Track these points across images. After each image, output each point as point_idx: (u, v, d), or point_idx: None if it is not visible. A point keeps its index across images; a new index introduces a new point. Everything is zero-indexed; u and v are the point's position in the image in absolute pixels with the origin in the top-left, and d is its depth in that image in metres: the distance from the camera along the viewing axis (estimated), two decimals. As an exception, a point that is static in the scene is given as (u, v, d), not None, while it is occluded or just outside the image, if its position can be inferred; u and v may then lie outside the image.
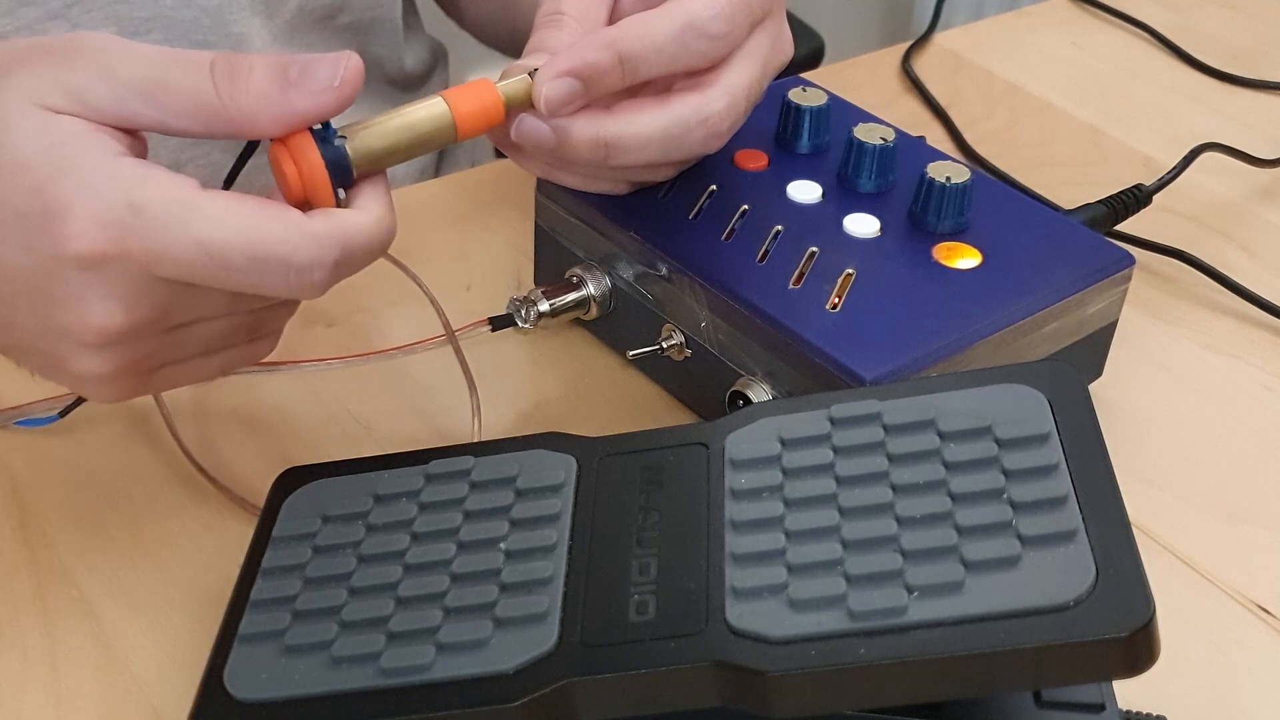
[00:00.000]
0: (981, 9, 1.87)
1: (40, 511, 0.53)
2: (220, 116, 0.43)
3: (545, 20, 0.52)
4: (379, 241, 0.45)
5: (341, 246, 0.43)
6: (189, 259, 0.42)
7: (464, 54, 0.99)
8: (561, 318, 0.59)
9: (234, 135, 0.44)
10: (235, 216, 0.42)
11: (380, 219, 0.45)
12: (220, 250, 0.41)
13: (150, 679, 0.47)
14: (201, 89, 0.43)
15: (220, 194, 0.42)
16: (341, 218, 0.44)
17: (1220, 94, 0.84)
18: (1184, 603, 0.52)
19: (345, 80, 0.44)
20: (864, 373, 0.49)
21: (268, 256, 0.42)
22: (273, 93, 0.43)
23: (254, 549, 0.46)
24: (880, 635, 0.38)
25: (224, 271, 0.42)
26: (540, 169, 0.54)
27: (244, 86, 0.43)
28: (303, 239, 0.42)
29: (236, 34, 0.68)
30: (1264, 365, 0.63)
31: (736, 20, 0.51)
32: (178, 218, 0.41)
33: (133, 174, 0.42)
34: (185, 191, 0.42)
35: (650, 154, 0.51)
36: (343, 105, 0.44)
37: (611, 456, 0.47)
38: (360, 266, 0.45)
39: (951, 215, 0.56)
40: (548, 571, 0.42)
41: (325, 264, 0.43)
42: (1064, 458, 0.42)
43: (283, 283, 0.43)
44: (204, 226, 0.41)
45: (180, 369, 0.46)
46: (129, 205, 0.41)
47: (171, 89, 0.43)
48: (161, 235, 0.41)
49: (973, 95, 0.83)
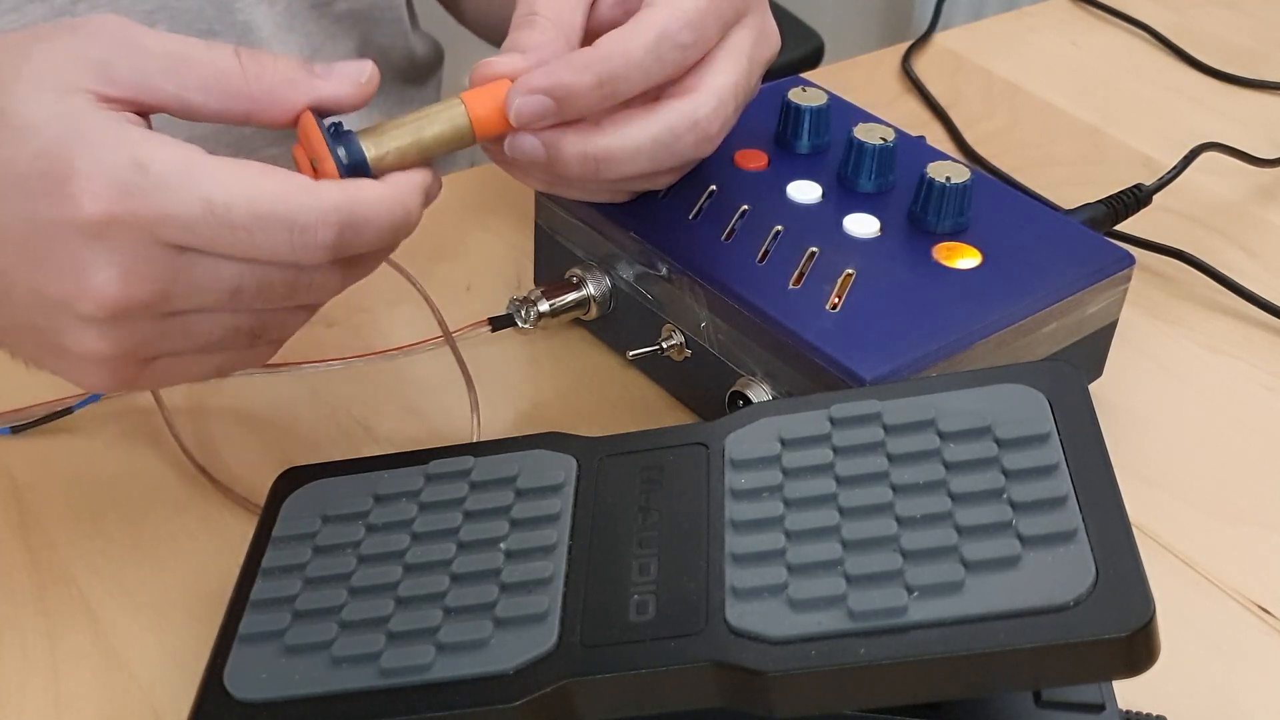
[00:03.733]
0: (981, 9, 1.87)
1: (40, 511, 0.53)
2: (242, 94, 0.44)
3: (520, 21, 0.52)
4: (390, 217, 0.44)
5: (348, 210, 0.43)
6: (192, 216, 0.41)
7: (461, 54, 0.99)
8: (561, 318, 0.59)
9: (251, 116, 0.44)
10: (240, 175, 0.42)
11: (396, 196, 0.45)
12: (224, 206, 0.41)
13: (150, 679, 0.47)
14: (225, 64, 0.44)
15: (226, 159, 0.42)
16: (354, 185, 0.44)
17: (1220, 94, 0.84)
18: (1184, 603, 0.52)
19: (370, 79, 0.45)
20: (864, 373, 0.49)
21: (270, 213, 0.42)
22: (299, 76, 0.44)
23: (254, 549, 0.46)
24: (880, 635, 0.38)
25: (228, 230, 0.42)
26: (539, 183, 0.54)
27: (270, 67, 0.44)
28: (308, 198, 0.42)
29: (242, 21, 0.69)
30: (1264, 365, 0.63)
31: (705, 25, 0.51)
32: (183, 176, 0.41)
33: (139, 136, 0.42)
34: (190, 153, 0.42)
35: (641, 164, 0.51)
36: (363, 100, 0.45)
37: (611, 456, 0.47)
38: (372, 242, 0.44)
39: (951, 215, 0.56)
40: (548, 571, 0.42)
41: (329, 224, 0.43)
42: (1064, 458, 0.42)
43: (285, 241, 0.42)
44: (209, 184, 0.41)
45: (177, 363, 0.46)
46: (135, 164, 0.41)
47: (194, 62, 0.43)
48: (166, 193, 0.41)
49: (973, 95, 0.83)
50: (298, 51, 0.73)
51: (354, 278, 0.47)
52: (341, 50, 0.76)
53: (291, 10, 0.72)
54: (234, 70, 0.44)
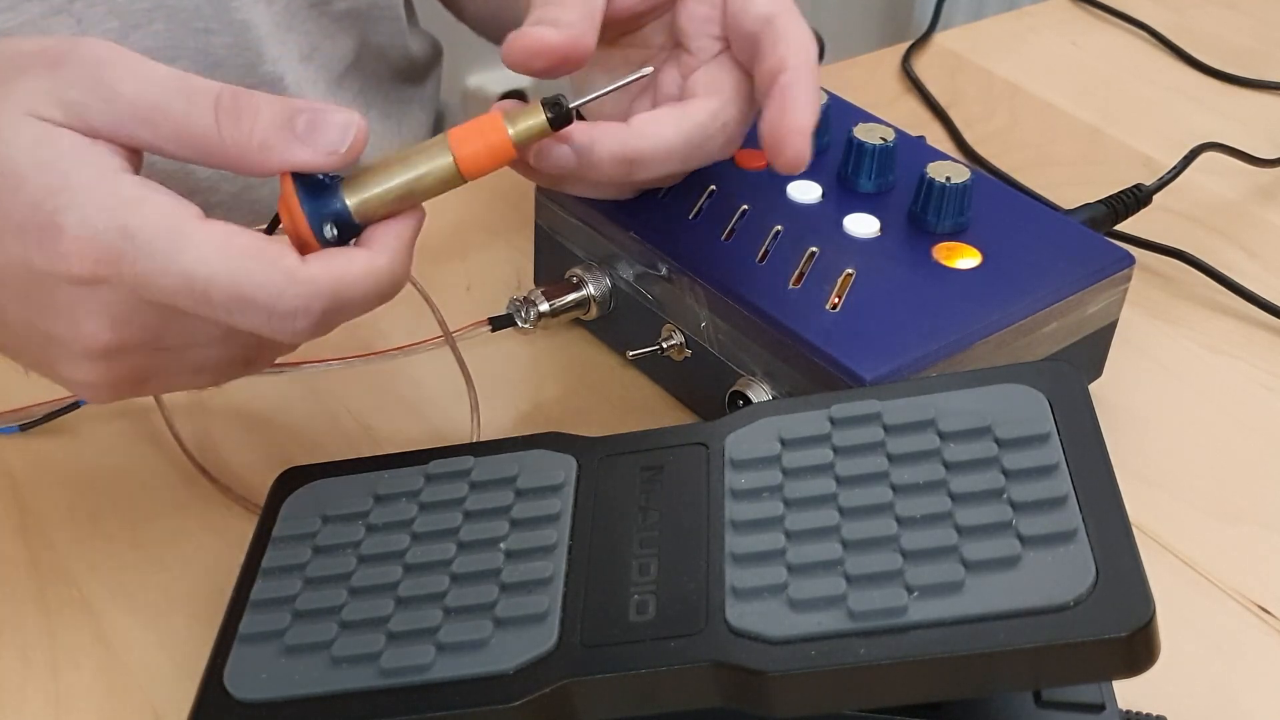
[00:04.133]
0: (981, 9, 1.87)
1: (40, 511, 0.53)
2: (216, 154, 0.43)
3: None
4: (378, 290, 0.44)
5: (330, 296, 0.42)
6: (173, 288, 0.41)
7: (460, 52, 0.99)
8: (561, 318, 0.59)
9: (230, 170, 0.44)
10: (224, 253, 0.41)
11: (384, 267, 0.44)
12: (204, 286, 0.41)
13: (150, 679, 0.47)
14: (202, 122, 0.43)
15: (218, 226, 0.42)
16: (339, 265, 0.43)
17: (1220, 94, 0.84)
18: (1184, 603, 0.52)
19: (352, 147, 0.43)
20: (864, 373, 0.49)
21: (250, 299, 0.41)
22: (276, 142, 0.43)
23: (254, 549, 0.46)
24: (880, 635, 0.38)
25: (207, 306, 0.42)
26: (547, 181, 0.54)
27: (247, 129, 0.43)
28: (289, 285, 0.42)
29: (240, 20, 0.68)
30: (1264, 365, 0.63)
31: (739, 114, 0.52)
32: (167, 246, 0.41)
33: (129, 195, 0.41)
34: (179, 220, 0.41)
35: (673, 165, 0.52)
36: (345, 167, 0.44)
37: (611, 456, 0.47)
38: (360, 312, 0.44)
39: (951, 215, 0.56)
40: (548, 571, 0.42)
41: (311, 313, 0.42)
42: (1064, 458, 0.42)
43: (265, 325, 0.42)
44: (191, 259, 0.41)
45: (173, 380, 0.46)
46: (121, 229, 0.41)
47: (171, 116, 0.43)
48: (149, 262, 0.41)
49: (973, 95, 0.83)
50: (295, 50, 0.72)
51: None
52: (339, 49, 0.76)
53: (290, 10, 0.72)
54: (209, 132, 0.43)
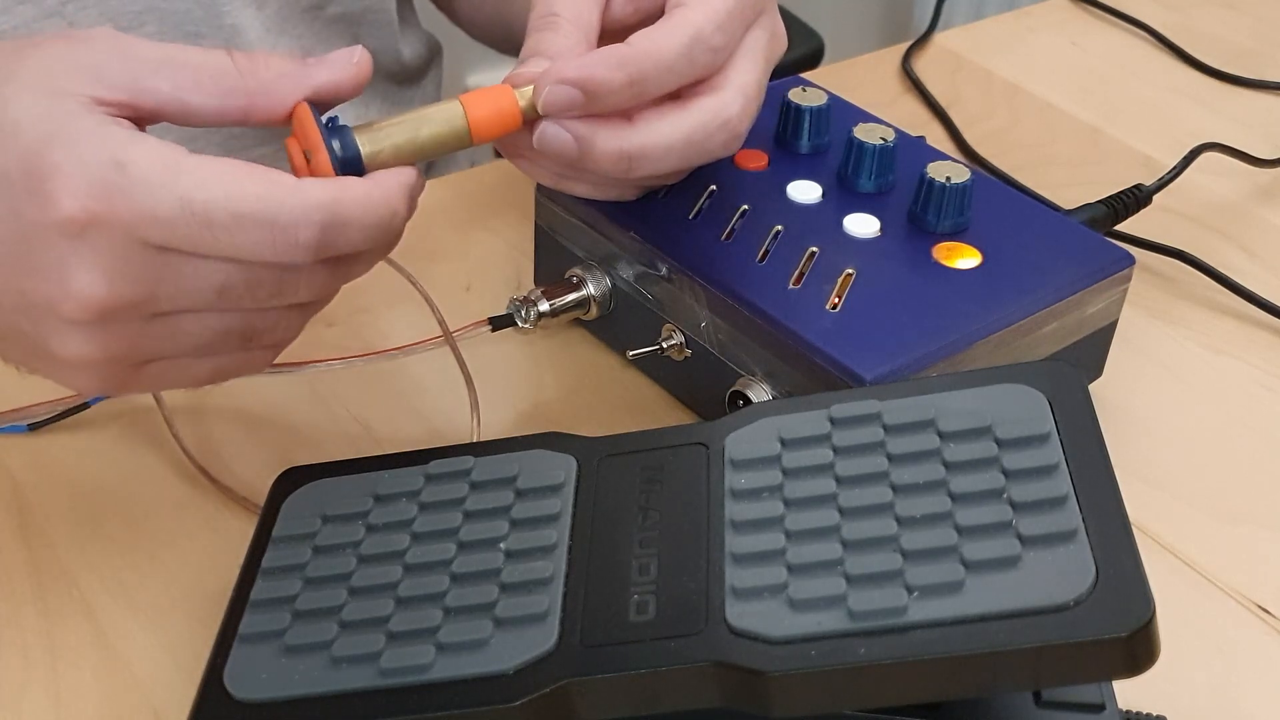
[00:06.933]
0: (981, 9, 1.87)
1: (40, 511, 0.53)
2: (238, 89, 0.44)
3: (540, 23, 0.52)
4: (375, 216, 0.44)
5: (331, 210, 0.42)
6: (171, 216, 0.41)
7: (460, 51, 0.99)
8: (561, 318, 0.59)
9: (249, 113, 0.44)
10: (221, 174, 0.42)
11: (382, 195, 0.44)
12: (203, 208, 0.41)
13: (150, 679, 0.47)
14: (219, 62, 0.44)
15: (211, 157, 0.42)
16: (338, 184, 0.43)
17: (1220, 94, 0.84)
18: (1184, 603, 0.52)
19: (361, 61, 0.45)
20: (864, 373, 0.49)
21: (250, 213, 0.41)
22: (292, 69, 0.44)
23: (254, 549, 0.46)
24: (880, 635, 0.38)
25: (208, 230, 0.41)
26: (549, 178, 0.54)
27: (263, 64, 0.44)
28: (289, 197, 0.42)
29: (230, 25, 0.68)
30: (1264, 365, 0.63)
31: (733, 28, 0.51)
32: (162, 174, 0.41)
33: (123, 135, 0.42)
34: (173, 152, 0.42)
35: (673, 162, 0.51)
36: (359, 84, 0.45)
37: (611, 456, 0.47)
38: (357, 242, 0.44)
39: (951, 215, 0.56)
40: (548, 571, 0.42)
41: (311, 224, 0.42)
42: (1064, 458, 0.42)
43: (267, 241, 0.42)
44: (188, 183, 0.41)
45: (170, 367, 0.45)
46: (114, 162, 0.41)
47: (189, 62, 0.44)
48: (146, 193, 0.41)
49: (973, 95, 0.83)
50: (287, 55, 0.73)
51: (345, 278, 0.46)
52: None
53: (282, 14, 0.72)
54: (228, 68, 0.44)
